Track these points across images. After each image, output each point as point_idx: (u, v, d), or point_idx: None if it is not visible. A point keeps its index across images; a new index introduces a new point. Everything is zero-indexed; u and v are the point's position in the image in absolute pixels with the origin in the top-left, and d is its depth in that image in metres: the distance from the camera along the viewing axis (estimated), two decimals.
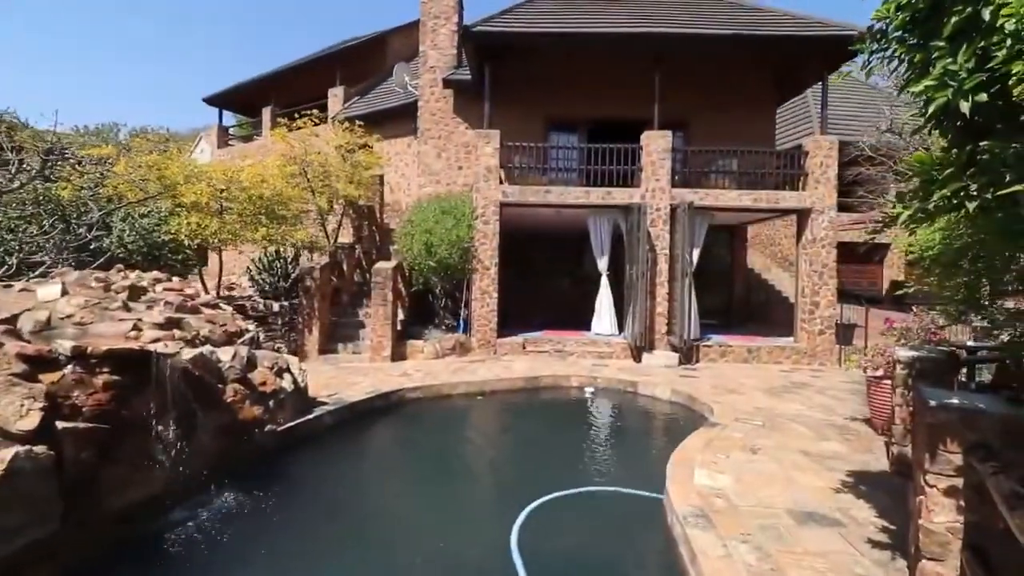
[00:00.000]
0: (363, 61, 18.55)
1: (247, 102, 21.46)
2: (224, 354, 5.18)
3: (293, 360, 6.14)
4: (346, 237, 13.39)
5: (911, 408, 4.30)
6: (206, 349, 4.87)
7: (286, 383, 5.64)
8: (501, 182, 10.79)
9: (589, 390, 8.18)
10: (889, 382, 5.57)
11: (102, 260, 7.69)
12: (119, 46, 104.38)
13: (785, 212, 11.17)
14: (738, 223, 13.45)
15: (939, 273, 3.58)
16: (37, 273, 6.66)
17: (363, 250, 12.79)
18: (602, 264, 11.05)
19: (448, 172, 13.20)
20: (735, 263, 14.05)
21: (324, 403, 6.46)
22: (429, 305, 11.39)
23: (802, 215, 10.69)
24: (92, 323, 4.23)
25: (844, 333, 10.55)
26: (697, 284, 10.96)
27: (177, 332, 4.84)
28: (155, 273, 6.39)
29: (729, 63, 12.31)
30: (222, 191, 8.75)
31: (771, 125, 13.59)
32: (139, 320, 4.47)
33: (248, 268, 12.52)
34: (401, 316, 11.00)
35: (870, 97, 19.03)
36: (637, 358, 10.19)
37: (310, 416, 5.80)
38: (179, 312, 5.29)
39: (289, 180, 9.74)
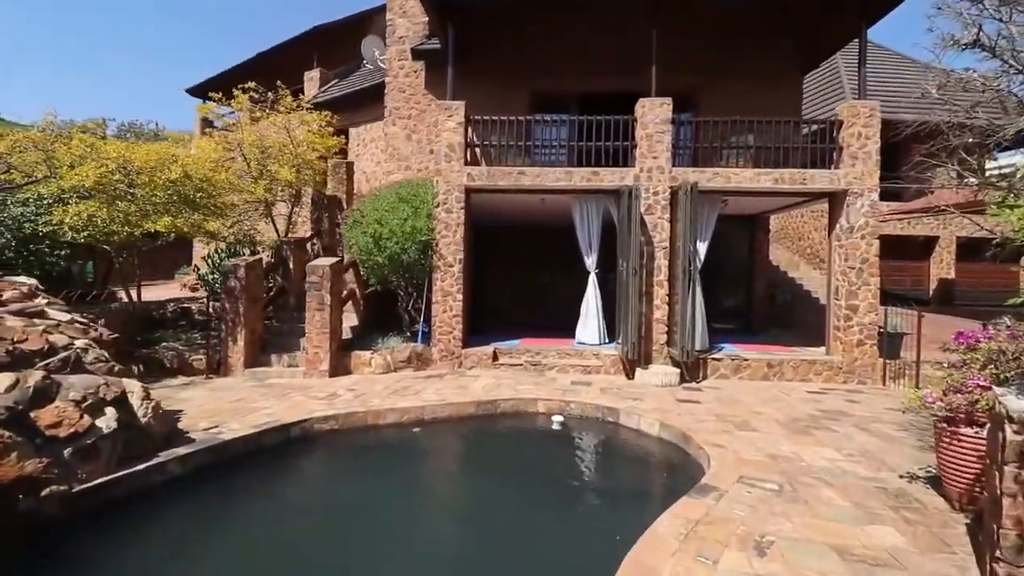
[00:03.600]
0: (345, 42, 17.09)
1: (229, 90, 20.21)
2: None
3: (133, 386, 4.59)
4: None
5: None
6: None
7: (103, 421, 4.09)
8: (477, 163, 9.12)
9: (557, 420, 6.43)
10: (971, 431, 3.73)
11: None
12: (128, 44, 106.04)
13: (814, 196, 9.20)
14: (758, 212, 11.48)
15: None
16: None
17: (323, 246, 11.28)
18: (590, 260, 9.29)
19: (419, 156, 11.59)
20: (755, 259, 12.05)
21: (191, 441, 4.91)
22: (395, 309, 9.80)
23: (835, 199, 8.74)
24: None
25: (890, 344, 8.54)
26: (710, 284, 9.10)
27: None
28: None
29: (745, 23, 10.39)
30: (127, 173, 7.30)
31: (796, 98, 11.58)
32: None
33: (195, 267, 11.15)
34: (354, 322, 9.46)
35: (908, 71, 16.75)
36: (630, 374, 8.40)
37: (141, 467, 4.22)
38: None
39: (219, 164, 8.25)
